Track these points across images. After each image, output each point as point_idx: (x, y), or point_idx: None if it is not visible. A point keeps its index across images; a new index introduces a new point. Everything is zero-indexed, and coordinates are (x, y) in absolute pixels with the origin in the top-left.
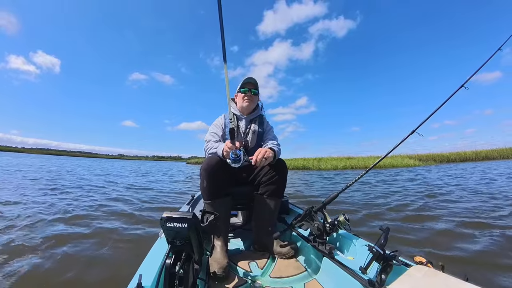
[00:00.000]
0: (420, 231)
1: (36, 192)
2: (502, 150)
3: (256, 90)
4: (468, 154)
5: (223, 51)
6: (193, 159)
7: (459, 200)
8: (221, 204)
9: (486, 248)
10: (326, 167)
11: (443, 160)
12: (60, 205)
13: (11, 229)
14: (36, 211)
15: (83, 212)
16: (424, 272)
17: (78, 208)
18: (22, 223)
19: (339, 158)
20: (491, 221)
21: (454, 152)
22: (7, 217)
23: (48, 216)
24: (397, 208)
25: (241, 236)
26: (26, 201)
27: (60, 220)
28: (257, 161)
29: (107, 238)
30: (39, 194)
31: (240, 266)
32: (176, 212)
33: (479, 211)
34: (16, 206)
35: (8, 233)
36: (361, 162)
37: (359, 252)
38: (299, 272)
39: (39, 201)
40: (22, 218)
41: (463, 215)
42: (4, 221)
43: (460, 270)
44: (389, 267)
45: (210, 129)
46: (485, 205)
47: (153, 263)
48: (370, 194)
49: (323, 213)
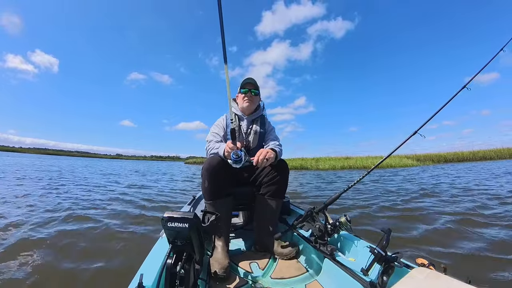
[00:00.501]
0: (411, 229)
1: (39, 190)
2: (499, 150)
3: (256, 91)
4: (466, 154)
5: (224, 52)
6: (191, 159)
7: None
8: (223, 205)
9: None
10: (324, 167)
11: (440, 160)
12: (65, 204)
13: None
14: (43, 207)
15: (87, 211)
16: (426, 274)
17: (83, 206)
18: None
19: (337, 158)
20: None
21: (452, 152)
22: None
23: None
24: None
25: (242, 237)
26: (29, 201)
27: (68, 218)
28: (258, 161)
29: (111, 235)
30: (43, 193)
31: (241, 266)
32: (177, 212)
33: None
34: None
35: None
36: (359, 162)
37: (361, 253)
38: (300, 273)
39: (43, 200)
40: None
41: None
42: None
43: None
44: (390, 269)
45: (212, 129)
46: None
47: (154, 263)
48: (365, 194)
49: (325, 214)
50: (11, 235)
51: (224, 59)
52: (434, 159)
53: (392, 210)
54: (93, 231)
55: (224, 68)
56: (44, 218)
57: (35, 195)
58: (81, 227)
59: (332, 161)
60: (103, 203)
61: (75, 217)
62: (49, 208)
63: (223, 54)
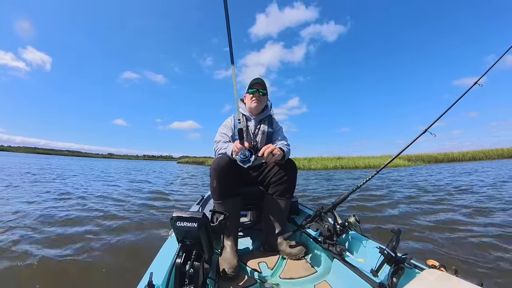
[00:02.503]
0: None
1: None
2: (488, 151)
3: (264, 91)
4: (456, 155)
5: (231, 53)
6: (183, 159)
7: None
8: (231, 204)
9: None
10: (316, 167)
11: (431, 161)
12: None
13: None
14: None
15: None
16: (437, 276)
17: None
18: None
19: (329, 158)
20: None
21: (442, 153)
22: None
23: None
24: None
25: (250, 236)
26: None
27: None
28: (264, 154)
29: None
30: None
31: (249, 266)
32: (186, 212)
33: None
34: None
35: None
36: (351, 162)
37: (370, 254)
38: (309, 273)
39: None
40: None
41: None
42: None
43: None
44: (400, 270)
45: (220, 130)
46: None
47: (163, 261)
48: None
49: (333, 214)
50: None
51: (231, 60)
52: (425, 160)
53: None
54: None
55: (231, 69)
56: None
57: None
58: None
59: (324, 161)
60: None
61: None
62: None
63: (230, 56)
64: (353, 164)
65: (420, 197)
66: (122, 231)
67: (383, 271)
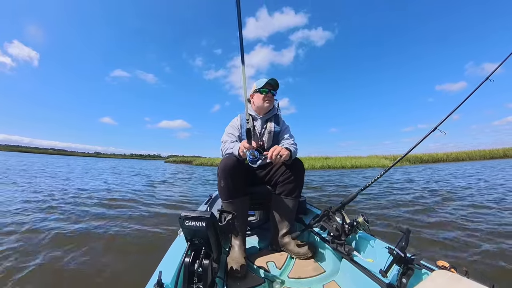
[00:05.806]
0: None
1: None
2: (470, 152)
3: (275, 91)
4: (440, 155)
5: (241, 54)
6: (171, 158)
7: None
8: (239, 204)
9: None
10: (304, 166)
11: (416, 161)
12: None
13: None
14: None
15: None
16: (448, 277)
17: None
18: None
19: (317, 158)
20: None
21: (427, 154)
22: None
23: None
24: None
25: (258, 236)
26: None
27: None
28: (272, 157)
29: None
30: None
31: (258, 265)
32: (195, 211)
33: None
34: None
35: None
36: (338, 162)
37: (379, 254)
38: (317, 273)
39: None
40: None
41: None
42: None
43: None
44: (410, 271)
45: (227, 130)
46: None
47: (172, 260)
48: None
49: (342, 213)
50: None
51: (242, 60)
52: (410, 160)
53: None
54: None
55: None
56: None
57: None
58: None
59: (312, 160)
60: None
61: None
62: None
63: (241, 56)
64: (339, 163)
65: (425, 198)
66: (124, 233)
67: (392, 271)
